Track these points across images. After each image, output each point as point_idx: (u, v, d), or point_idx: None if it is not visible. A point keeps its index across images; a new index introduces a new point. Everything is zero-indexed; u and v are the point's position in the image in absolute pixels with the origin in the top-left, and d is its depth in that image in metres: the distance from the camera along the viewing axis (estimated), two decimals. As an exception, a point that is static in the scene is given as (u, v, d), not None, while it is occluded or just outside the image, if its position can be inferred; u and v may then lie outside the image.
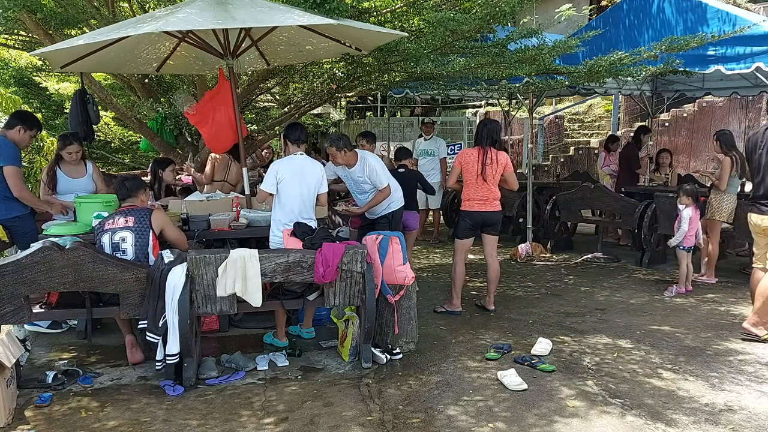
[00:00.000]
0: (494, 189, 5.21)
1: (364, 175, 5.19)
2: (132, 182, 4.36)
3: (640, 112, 13.09)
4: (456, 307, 5.36)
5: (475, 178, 5.16)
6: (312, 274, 3.96)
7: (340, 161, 5.16)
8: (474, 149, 5.23)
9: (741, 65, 6.24)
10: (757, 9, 11.55)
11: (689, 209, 5.99)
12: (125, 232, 4.06)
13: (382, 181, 5.21)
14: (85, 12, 5.16)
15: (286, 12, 4.24)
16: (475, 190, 5.20)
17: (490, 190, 5.19)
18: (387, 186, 5.26)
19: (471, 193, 5.22)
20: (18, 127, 4.82)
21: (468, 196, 5.24)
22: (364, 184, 5.27)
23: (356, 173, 5.22)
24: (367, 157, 5.23)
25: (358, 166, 5.18)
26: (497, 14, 5.10)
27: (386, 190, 5.26)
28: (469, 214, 5.25)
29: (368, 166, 5.16)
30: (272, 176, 4.46)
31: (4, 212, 4.68)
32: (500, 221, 5.40)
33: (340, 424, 3.36)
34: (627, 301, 5.78)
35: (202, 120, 5.26)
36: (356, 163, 5.18)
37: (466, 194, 5.25)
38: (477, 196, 5.20)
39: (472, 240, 5.39)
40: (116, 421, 3.41)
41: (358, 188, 5.36)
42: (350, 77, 6.24)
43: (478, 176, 5.14)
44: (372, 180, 5.19)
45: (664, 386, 3.85)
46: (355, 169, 5.20)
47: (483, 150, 5.16)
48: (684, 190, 6.08)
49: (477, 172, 5.13)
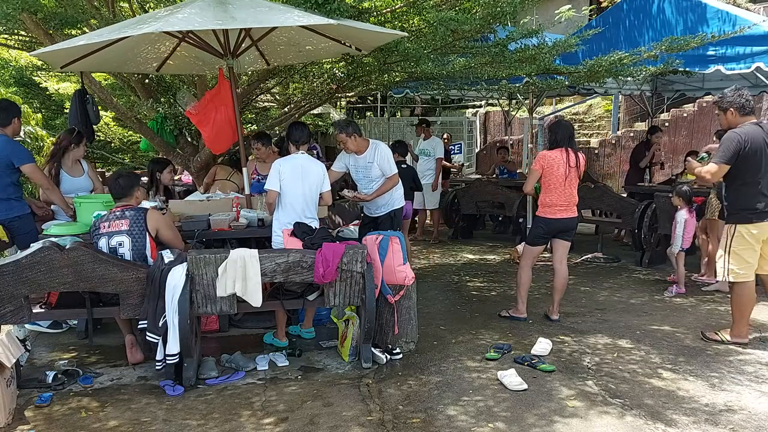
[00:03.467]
0: (576, 193, 4.98)
1: (375, 161, 5.11)
2: (126, 180, 4.27)
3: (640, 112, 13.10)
4: (521, 314, 5.13)
5: (562, 182, 4.86)
6: (312, 274, 3.96)
7: (351, 147, 5.07)
8: (556, 151, 4.90)
9: (741, 65, 6.24)
10: (757, 9, 11.56)
11: (683, 211, 5.96)
12: (122, 236, 4.03)
13: (392, 168, 5.16)
14: (85, 12, 5.16)
15: (286, 12, 4.23)
16: (560, 195, 4.89)
17: (573, 194, 4.94)
18: (396, 174, 5.20)
19: (555, 199, 4.90)
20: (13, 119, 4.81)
21: (551, 202, 4.91)
22: (372, 170, 5.16)
23: (367, 159, 5.14)
24: (379, 144, 5.20)
25: (369, 151, 5.11)
26: (498, 14, 5.10)
27: (395, 178, 5.19)
28: (549, 222, 4.94)
29: (380, 153, 5.09)
30: (275, 174, 4.47)
31: (5, 212, 4.68)
32: (577, 227, 5.21)
33: (340, 424, 3.36)
34: (627, 301, 5.78)
35: (203, 120, 5.25)
36: (367, 150, 5.12)
37: (549, 200, 4.91)
38: (561, 202, 4.90)
39: (543, 246, 5.23)
40: (116, 421, 3.41)
41: (366, 176, 5.25)
42: (350, 77, 6.24)
43: (566, 179, 4.86)
44: (382, 167, 5.11)
45: (664, 386, 3.85)
46: (365, 155, 5.12)
47: (566, 151, 4.89)
48: (677, 191, 6.01)
49: (564, 175, 4.84)
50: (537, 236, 5.08)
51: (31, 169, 4.73)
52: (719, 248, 4.59)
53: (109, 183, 4.45)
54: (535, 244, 5.13)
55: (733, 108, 4.41)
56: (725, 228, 4.53)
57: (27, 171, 4.71)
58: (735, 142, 4.28)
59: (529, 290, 5.21)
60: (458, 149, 14.08)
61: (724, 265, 4.48)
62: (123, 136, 9.41)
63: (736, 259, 4.42)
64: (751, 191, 4.37)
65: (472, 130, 16.27)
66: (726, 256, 4.45)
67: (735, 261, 4.42)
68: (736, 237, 4.42)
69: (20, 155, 4.70)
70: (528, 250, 5.19)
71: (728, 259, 4.44)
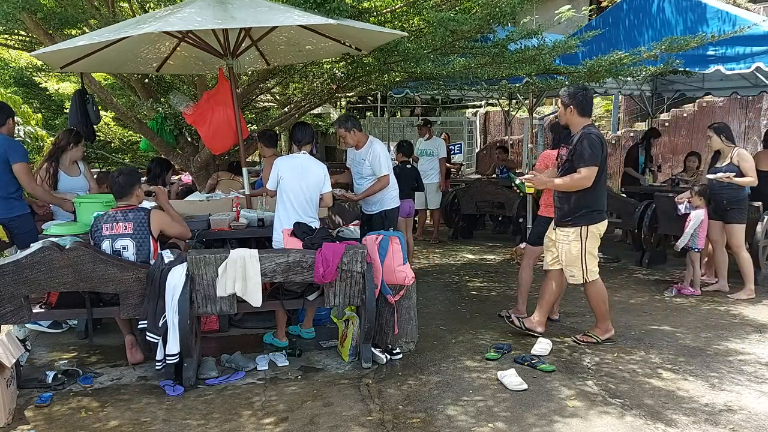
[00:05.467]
0: None
1: (367, 159, 5.21)
2: (126, 178, 4.20)
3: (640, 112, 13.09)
4: (521, 314, 5.08)
5: None
6: (312, 274, 3.96)
7: (350, 141, 5.25)
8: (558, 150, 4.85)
9: (741, 65, 6.24)
10: (757, 9, 11.55)
11: (701, 210, 5.77)
12: (126, 239, 4.02)
13: (383, 169, 5.22)
14: (85, 12, 5.16)
15: (286, 12, 4.23)
16: None
17: None
18: (386, 176, 5.26)
19: None
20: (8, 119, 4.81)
21: (551, 202, 4.83)
22: (364, 168, 5.27)
23: (361, 155, 5.28)
24: (375, 143, 5.29)
25: (365, 148, 5.25)
26: (497, 14, 5.10)
27: (384, 180, 5.25)
28: (550, 221, 4.85)
29: (373, 152, 5.21)
30: (274, 173, 4.49)
31: (6, 211, 4.68)
32: None
33: (340, 424, 3.36)
34: (627, 301, 5.78)
35: (199, 120, 5.25)
36: (364, 146, 5.25)
37: (551, 200, 4.84)
38: None
39: None
40: (116, 421, 3.41)
41: (358, 172, 5.37)
42: (350, 77, 6.24)
43: None
44: (372, 165, 5.20)
45: (664, 386, 3.85)
46: (361, 151, 5.28)
47: None
48: (699, 191, 5.82)
49: None
50: (539, 235, 5.08)
51: (19, 168, 4.66)
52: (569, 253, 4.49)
53: (109, 182, 4.43)
54: (536, 243, 5.12)
55: (573, 106, 4.43)
56: (575, 231, 4.44)
57: (15, 169, 4.66)
58: (599, 144, 4.33)
59: (529, 290, 5.20)
60: (458, 149, 14.09)
61: (582, 268, 4.47)
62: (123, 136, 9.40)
63: (590, 259, 4.49)
64: (601, 191, 4.48)
65: (472, 130, 16.27)
66: (583, 258, 4.46)
67: (591, 261, 4.49)
68: (590, 238, 4.46)
69: (15, 153, 4.67)
70: (529, 250, 5.19)
71: (585, 261, 4.47)
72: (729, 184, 5.73)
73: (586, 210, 4.42)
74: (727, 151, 5.82)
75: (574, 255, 4.47)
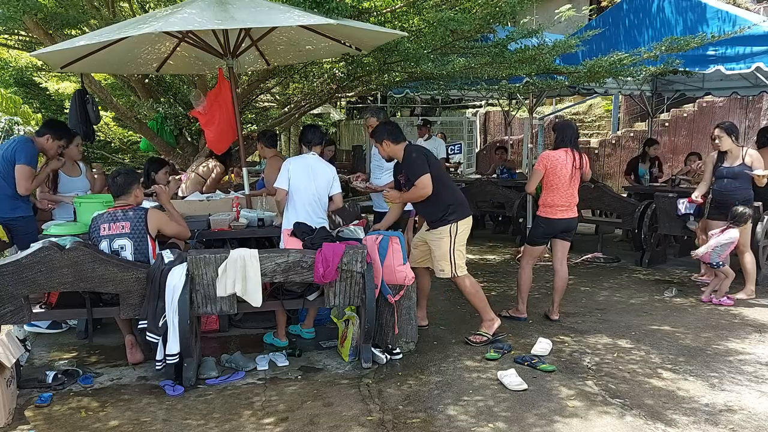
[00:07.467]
0: (576, 193, 4.98)
1: None
2: (124, 178, 4.20)
3: (640, 112, 13.09)
4: (521, 314, 5.12)
5: (566, 183, 4.85)
6: (312, 274, 3.96)
7: None
8: (560, 151, 4.88)
9: (741, 65, 6.23)
10: (757, 9, 11.55)
11: (735, 230, 5.57)
12: (123, 239, 4.02)
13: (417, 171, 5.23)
14: (85, 12, 5.17)
15: (286, 12, 4.24)
16: (562, 196, 4.88)
17: (574, 195, 4.94)
18: None
19: (557, 199, 4.89)
20: (47, 135, 4.87)
21: (553, 202, 4.90)
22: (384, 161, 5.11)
23: None
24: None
25: None
26: (497, 14, 5.11)
27: None
28: (551, 222, 4.94)
29: None
30: (285, 173, 4.49)
31: (9, 211, 4.67)
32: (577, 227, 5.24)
33: (340, 424, 3.36)
34: (627, 301, 5.78)
35: (210, 121, 5.27)
36: None
37: (551, 200, 4.90)
38: (563, 202, 4.90)
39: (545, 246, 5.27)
40: (116, 421, 3.41)
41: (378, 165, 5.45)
42: (350, 77, 6.25)
43: (570, 180, 4.86)
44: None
45: (664, 386, 3.85)
46: None
47: (571, 152, 4.88)
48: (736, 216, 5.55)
49: (569, 176, 4.84)
50: (539, 235, 5.09)
51: (18, 169, 4.67)
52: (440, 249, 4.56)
53: (107, 181, 4.43)
54: (535, 243, 5.13)
55: (386, 140, 4.56)
56: (446, 228, 4.52)
57: (16, 169, 4.67)
58: (420, 155, 4.51)
59: (529, 290, 5.21)
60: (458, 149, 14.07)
61: (451, 262, 4.54)
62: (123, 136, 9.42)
63: (459, 255, 4.56)
64: (453, 189, 4.67)
65: (472, 130, 16.25)
66: (452, 254, 4.53)
67: (459, 257, 4.57)
68: (460, 234, 4.55)
69: (21, 154, 4.67)
70: (529, 250, 5.19)
71: (455, 257, 4.54)
72: (741, 185, 5.71)
73: (452, 207, 4.54)
74: (737, 152, 5.76)
75: (443, 251, 4.55)
